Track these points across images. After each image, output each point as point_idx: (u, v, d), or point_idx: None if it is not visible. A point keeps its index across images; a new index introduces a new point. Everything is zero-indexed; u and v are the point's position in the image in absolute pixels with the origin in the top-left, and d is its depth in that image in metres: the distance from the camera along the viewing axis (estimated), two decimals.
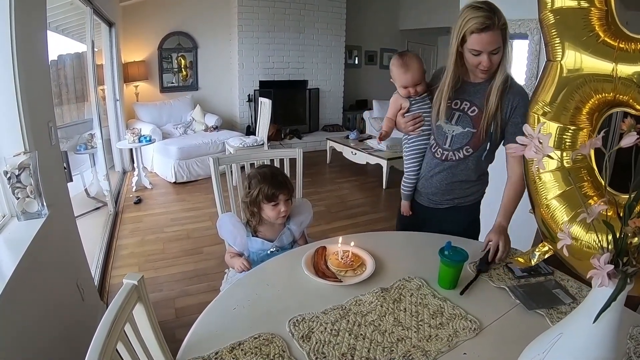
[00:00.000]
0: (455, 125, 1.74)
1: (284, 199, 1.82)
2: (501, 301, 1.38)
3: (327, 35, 7.86)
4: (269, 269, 1.58)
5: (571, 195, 1.17)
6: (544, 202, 1.23)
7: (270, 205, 1.82)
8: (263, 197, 1.80)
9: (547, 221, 1.22)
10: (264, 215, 1.86)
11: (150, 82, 6.89)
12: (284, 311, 1.28)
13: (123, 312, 0.93)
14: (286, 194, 1.83)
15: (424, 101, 1.84)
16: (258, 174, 1.87)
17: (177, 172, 5.50)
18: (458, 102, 1.74)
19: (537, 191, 1.26)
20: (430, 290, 1.41)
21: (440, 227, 1.85)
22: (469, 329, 1.22)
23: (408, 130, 1.88)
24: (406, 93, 1.83)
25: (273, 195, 1.80)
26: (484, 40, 1.51)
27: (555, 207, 1.20)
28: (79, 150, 4.66)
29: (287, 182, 1.86)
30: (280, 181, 1.83)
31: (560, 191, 1.19)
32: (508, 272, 1.54)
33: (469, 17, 1.52)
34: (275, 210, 1.82)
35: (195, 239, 3.91)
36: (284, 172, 2.00)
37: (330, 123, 8.30)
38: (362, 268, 1.54)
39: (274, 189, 1.80)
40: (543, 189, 1.24)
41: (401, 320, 1.26)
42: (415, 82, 1.79)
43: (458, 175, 1.81)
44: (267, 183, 1.81)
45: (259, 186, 1.81)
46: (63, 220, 2.24)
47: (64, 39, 4.86)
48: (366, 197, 5.27)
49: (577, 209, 1.14)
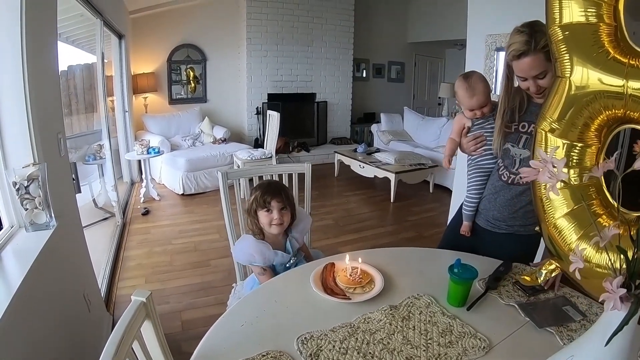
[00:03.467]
0: (523, 149, 1.67)
1: (278, 207, 1.82)
2: (510, 319, 1.36)
3: (335, 48, 7.89)
4: (277, 286, 1.57)
5: (580, 213, 1.15)
6: (552, 221, 1.21)
7: (264, 212, 1.83)
8: (257, 204, 1.83)
9: (555, 240, 1.20)
10: (260, 223, 1.86)
11: (159, 94, 6.94)
12: (292, 328, 1.27)
13: (131, 330, 0.93)
14: (280, 201, 1.83)
15: (487, 121, 1.80)
16: (257, 185, 1.92)
17: (185, 184, 5.51)
18: (525, 124, 1.67)
19: (544, 209, 1.24)
20: (440, 308, 1.40)
21: (494, 251, 1.78)
22: (478, 347, 1.21)
23: (470, 150, 1.85)
24: (472, 115, 1.80)
25: (265, 202, 1.81)
26: (524, 66, 1.49)
27: (563, 225, 1.18)
28: (88, 161, 4.67)
29: (281, 191, 1.87)
30: (273, 189, 1.85)
31: (568, 209, 1.18)
32: (517, 289, 1.53)
33: (510, 43, 1.50)
34: (268, 217, 1.82)
35: (202, 251, 3.90)
36: (284, 185, 2.00)
37: (338, 136, 8.29)
38: (370, 285, 1.53)
39: (266, 195, 1.81)
40: (550, 208, 1.22)
41: (410, 338, 1.25)
42: (481, 105, 1.76)
43: (523, 201, 1.73)
44: (260, 190, 1.84)
45: (254, 194, 1.85)
46: (71, 232, 2.24)
47: (74, 50, 4.91)
48: (374, 211, 5.25)
49: (586, 227, 1.12)
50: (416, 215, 5.10)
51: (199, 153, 5.83)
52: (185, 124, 6.74)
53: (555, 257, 1.23)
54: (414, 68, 9.95)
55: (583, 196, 1.14)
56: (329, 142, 8.17)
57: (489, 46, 3.34)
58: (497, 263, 1.67)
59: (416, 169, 5.69)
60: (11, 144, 1.78)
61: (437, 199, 5.67)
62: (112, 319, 2.77)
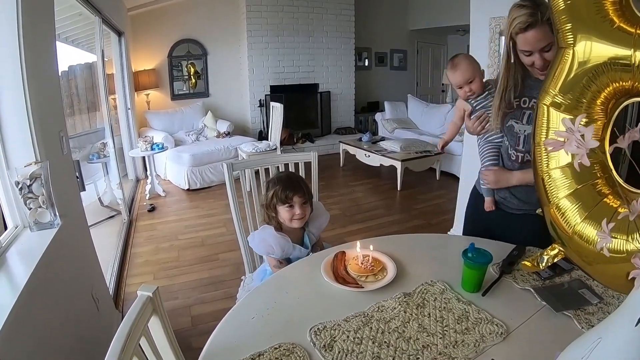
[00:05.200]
0: (527, 124, 1.64)
1: (300, 202, 1.79)
2: (527, 303, 1.33)
3: (336, 38, 7.83)
4: (287, 276, 1.54)
5: (584, 194, 1.09)
6: (554, 202, 1.15)
7: (285, 207, 1.79)
8: (277, 200, 1.78)
9: (558, 222, 1.15)
10: (280, 218, 1.83)
11: (161, 90, 6.93)
12: (304, 320, 1.24)
13: (138, 325, 0.90)
14: (301, 196, 1.79)
15: (486, 100, 1.77)
16: (275, 177, 1.88)
17: (190, 179, 5.50)
18: (526, 99, 1.65)
19: (546, 189, 1.18)
20: (454, 294, 1.37)
21: (513, 234, 1.74)
22: (495, 333, 1.18)
23: (477, 130, 1.81)
24: (463, 94, 1.78)
25: (287, 197, 1.77)
26: (530, 39, 1.45)
27: (566, 207, 1.12)
28: (92, 160, 4.68)
29: (302, 185, 1.83)
30: (294, 183, 1.81)
31: (571, 190, 1.12)
32: (532, 273, 1.49)
33: (513, 17, 1.46)
34: (290, 212, 1.79)
35: (209, 245, 3.89)
36: (302, 177, 1.96)
37: (343, 126, 8.25)
38: (383, 273, 1.50)
39: (288, 191, 1.77)
40: (553, 187, 1.16)
41: (425, 326, 1.21)
42: (467, 79, 1.73)
43: None
44: (281, 185, 1.79)
45: (274, 189, 1.80)
46: (76, 230, 2.22)
47: (74, 50, 4.94)
48: (381, 200, 5.21)
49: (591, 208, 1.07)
50: (423, 203, 5.06)
51: (203, 148, 5.80)
52: (189, 119, 6.72)
53: (558, 241, 1.18)
54: (416, 55, 9.88)
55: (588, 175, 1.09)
56: (333, 133, 8.13)
57: (493, 29, 3.26)
58: (510, 247, 1.64)
59: (422, 156, 5.64)
60: (12, 143, 1.76)
61: (444, 186, 5.62)
62: (122, 316, 2.73)
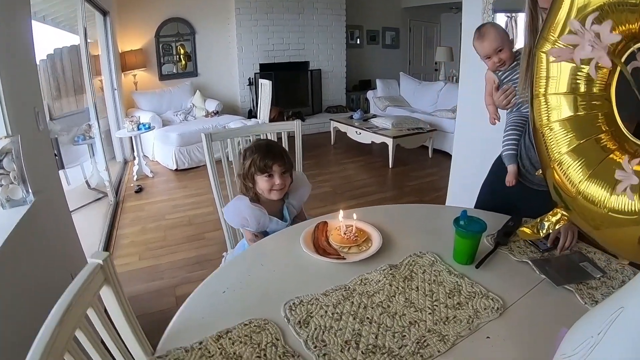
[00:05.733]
0: None
1: (279, 171, 1.67)
2: (525, 277, 1.23)
3: (327, 15, 7.69)
4: (263, 248, 1.43)
5: (588, 149, 0.97)
6: (556, 158, 1.02)
7: (263, 177, 1.67)
8: (255, 169, 1.66)
9: (560, 182, 1.02)
10: (258, 189, 1.71)
11: (149, 71, 6.77)
12: (279, 294, 1.13)
13: (84, 296, 0.80)
14: (281, 165, 1.68)
15: (513, 72, 1.68)
16: (253, 145, 1.75)
17: (178, 159, 5.40)
18: None
19: (547, 146, 1.05)
20: (445, 266, 1.26)
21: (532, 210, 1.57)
22: (491, 308, 1.07)
23: (503, 105, 1.72)
24: (492, 65, 1.68)
25: (265, 166, 1.65)
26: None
27: (568, 164, 1.00)
28: (77, 142, 4.61)
29: (283, 154, 1.71)
30: (274, 152, 1.69)
31: (573, 145, 0.99)
32: (529, 245, 1.40)
33: None
34: (268, 182, 1.67)
35: (197, 224, 3.82)
36: (282, 146, 1.84)
37: (334, 104, 8.13)
38: (367, 244, 1.39)
39: (267, 159, 1.65)
40: (554, 143, 1.03)
41: (413, 300, 1.11)
42: (495, 47, 1.64)
43: None
44: (260, 153, 1.67)
45: (251, 157, 1.68)
46: (53, 209, 2.14)
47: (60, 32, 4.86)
48: (372, 177, 5.14)
49: (595, 165, 0.95)
50: (416, 180, 5.00)
51: (191, 127, 5.67)
52: (177, 99, 6.58)
53: (561, 205, 1.07)
54: (408, 34, 9.73)
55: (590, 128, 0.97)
56: (325, 111, 8.01)
57: (486, 5, 3.18)
58: (505, 218, 1.54)
59: (414, 133, 5.56)
60: None
61: (437, 164, 5.55)
62: None
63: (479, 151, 3.26)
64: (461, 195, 3.34)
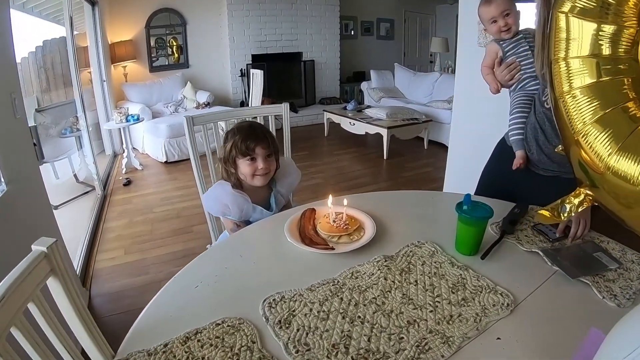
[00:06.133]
0: None
1: (263, 154, 1.54)
2: (535, 268, 1.11)
3: (320, 5, 7.56)
4: (244, 238, 1.30)
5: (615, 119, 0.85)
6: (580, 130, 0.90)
7: (246, 160, 1.54)
8: (237, 152, 1.53)
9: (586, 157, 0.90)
10: (240, 174, 1.58)
11: (139, 62, 6.66)
12: (259, 289, 1.00)
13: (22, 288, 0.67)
14: (265, 147, 1.54)
15: (518, 44, 1.57)
16: (235, 127, 1.61)
17: (167, 151, 5.29)
18: None
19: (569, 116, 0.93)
20: (447, 257, 1.13)
21: (537, 198, 1.47)
22: (500, 304, 0.94)
23: (506, 80, 1.60)
24: (497, 29, 1.57)
25: (247, 149, 1.52)
26: None
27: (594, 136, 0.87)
28: (65, 134, 4.49)
29: (267, 135, 1.58)
30: (257, 133, 1.55)
31: (598, 115, 0.87)
32: (538, 234, 1.28)
33: None
34: (251, 166, 1.54)
35: (185, 217, 3.71)
36: (266, 127, 1.70)
37: (327, 96, 8.00)
38: (359, 232, 1.26)
39: (249, 141, 1.52)
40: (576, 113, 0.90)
41: (412, 296, 0.98)
42: (502, 10, 1.53)
43: None
44: (241, 135, 1.53)
45: (232, 139, 1.54)
46: (30, 199, 2.05)
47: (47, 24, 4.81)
48: (367, 168, 5.04)
49: (625, 137, 0.82)
50: (411, 171, 4.90)
51: (181, 118, 5.50)
52: (167, 91, 6.46)
53: (586, 184, 0.94)
54: (403, 25, 9.60)
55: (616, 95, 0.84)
56: (318, 103, 7.86)
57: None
58: (510, 205, 1.41)
59: (409, 123, 5.44)
60: None
61: (433, 155, 5.46)
62: (89, 294, 2.60)
63: (476, 142, 3.21)
64: (458, 186, 3.23)
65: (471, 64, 3.15)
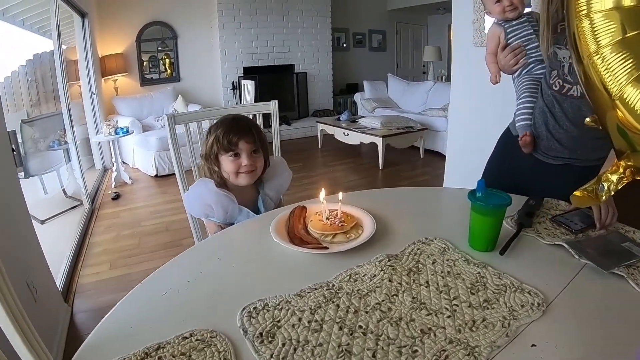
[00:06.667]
0: None
1: (248, 149, 1.40)
2: (561, 263, 0.97)
3: (312, 17, 7.50)
4: (224, 239, 1.14)
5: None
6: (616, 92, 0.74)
7: (229, 157, 1.39)
8: (219, 147, 1.39)
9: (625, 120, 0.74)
10: (223, 172, 1.43)
11: (130, 76, 6.61)
12: (237, 296, 0.84)
13: None
14: (250, 142, 1.40)
15: (522, 26, 1.46)
16: (218, 121, 1.47)
17: (158, 165, 5.19)
18: None
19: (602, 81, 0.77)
20: (461, 254, 0.98)
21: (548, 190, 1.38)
22: (530, 304, 0.79)
23: (510, 65, 1.48)
24: (501, 9, 1.46)
25: (230, 143, 1.38)
26: None
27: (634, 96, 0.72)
28: (52, 147, 4.37)
29: (252, 129, 1.43)
30: (241, 126, 1.41)
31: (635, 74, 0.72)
32: (559, 226, 1.14)
33: None
34: (235, 163, 1.39)
35: (174, 231, 3.58)
36: (253, 121, 1.54)
37: (321, 108, 7.91)
38: (356, 230, 1.11)
39: (232, 134, 1.37)
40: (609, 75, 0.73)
41: (424, 300, 0.82)
42: None
43: (579, 118, 1.31)
44: (223, 128, 1.39)
45: (214, 133, 1.40)
46: (7, 211, 1.93)
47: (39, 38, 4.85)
48: (362, 178, 4.92)
49: None
50: (407, 180, 4.80)
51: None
52: (158, 104, 6.39)
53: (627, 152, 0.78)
54: (395, 36, 9.61)
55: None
56: (311, 115, 7.76)
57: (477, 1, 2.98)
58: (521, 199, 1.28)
59: (404, 132, 5.33)
60: None
61: (429, 164, 5.35)
62: (72, 310, 2.47)
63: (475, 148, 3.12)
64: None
65: (467, 69, 3.14)
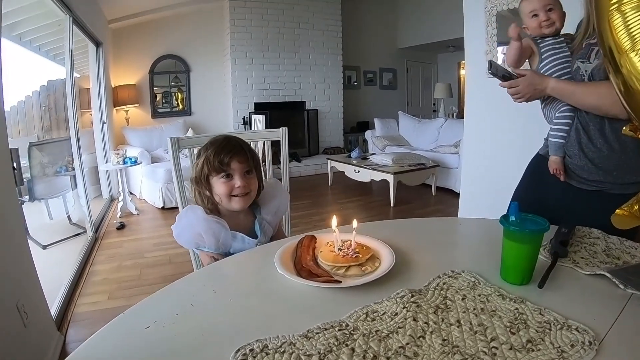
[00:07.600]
0: (591, 62, 1.26)
1: (241, 170, 1.31)
2: (605, 294, 0.85)
3: (323, 54, 7.60)
4: (223, 268, 1.03)
5: None
6: None
7: (220, 179, 1.31)
8: (210, 168, 1.30)
9: None
10: (215, 196, 1.34)
11: (142, 107, 6.73)
12: (231, 334, 0.71)
13: None
14: (242, 161, 1.31)
15: (560, 47, 1.37)
16: (208, 141, 1.38)
17: (165, 196, 5.15)
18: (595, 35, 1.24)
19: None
20: (494, 289, 0.85)
21: (579, 217, 1.26)
22: (580, 343, 0.66)
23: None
24: (536, 24, 1.37)
25: (221, 163, 1.29)
26: None
27: None
28: (60, 172, 4.41)
29: (244, 148, 1.35)
30: (233, 145, 1.33)
31: None
32: (596, 255, 1.02)
33: None
34: (227, 185, 1.30)
35: (177, 264, 3.50)
36: (245, 142, 1.43)
37: (331, 146, 7.89)
38: (373, 263, 0.97)
39: (223, 154, 1.29)
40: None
41: (456, 342, 0.69)
42: (546, 4, 1.34)
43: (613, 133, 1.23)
44: (214, 148, 1.31)
45: (204, 154, 1.32)
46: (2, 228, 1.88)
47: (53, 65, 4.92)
48: (373, 216, 4.80)
49: None
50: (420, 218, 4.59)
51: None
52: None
53: None
54: (406, 74, 9.71)
55: None
56: (322, 152, 7.74)
57: (489, 12, 3.00)
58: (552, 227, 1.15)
59: (416, 169, 5.23)
60: None
61: (442, 201, 5.23)
62: (64, 339, 2.38)
63: (490, 186, 3.10)
64: None
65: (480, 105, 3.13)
